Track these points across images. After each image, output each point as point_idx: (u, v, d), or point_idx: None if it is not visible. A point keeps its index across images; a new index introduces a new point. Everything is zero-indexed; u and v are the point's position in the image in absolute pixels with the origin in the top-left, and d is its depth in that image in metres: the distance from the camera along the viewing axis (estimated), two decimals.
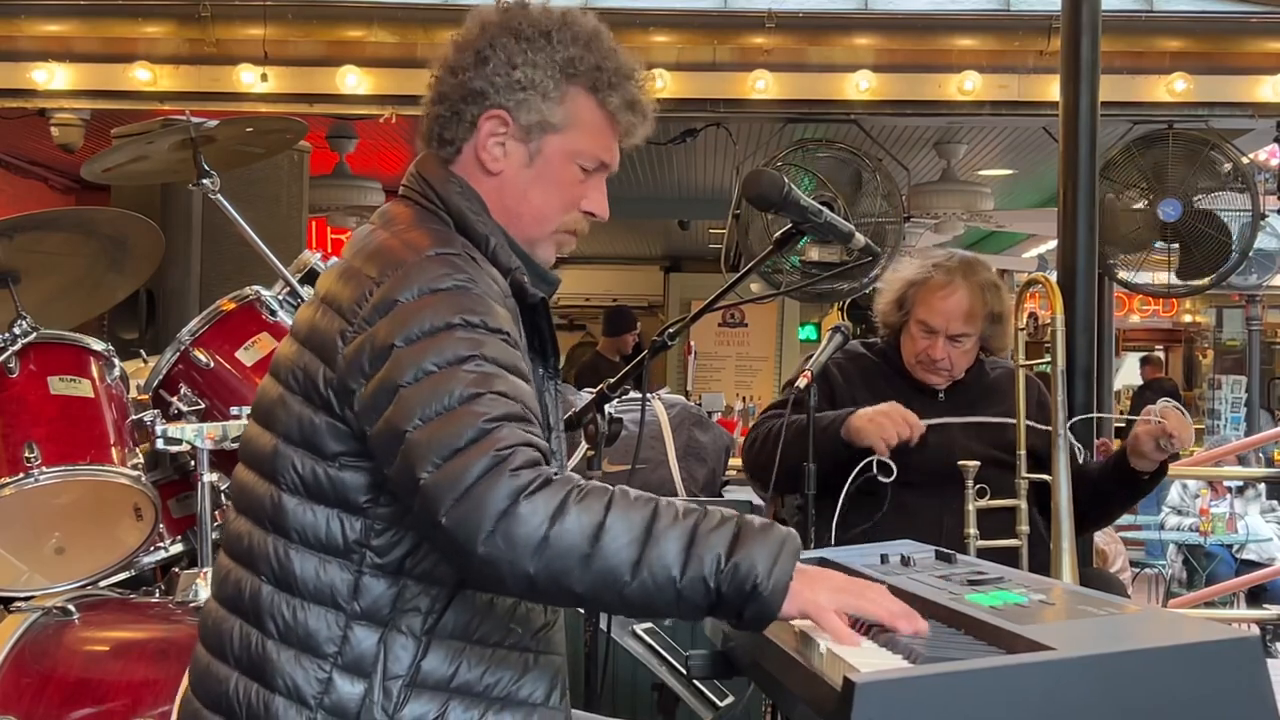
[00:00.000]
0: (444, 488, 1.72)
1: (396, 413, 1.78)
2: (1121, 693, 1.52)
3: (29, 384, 3.14)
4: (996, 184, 8.93)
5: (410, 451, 1.76)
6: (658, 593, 1.72)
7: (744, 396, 12.05)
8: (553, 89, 2.01)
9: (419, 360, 1.79)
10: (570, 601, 1.78)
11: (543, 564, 1.70)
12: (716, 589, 1.72)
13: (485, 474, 1.71)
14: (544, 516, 1.70)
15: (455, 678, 1.89)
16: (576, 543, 1.70)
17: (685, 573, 1.71)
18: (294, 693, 1.86)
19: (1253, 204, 6.51)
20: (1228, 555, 9.12)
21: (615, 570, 1.71)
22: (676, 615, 1.77)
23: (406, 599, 1.88)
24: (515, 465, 1.72)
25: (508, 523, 1.69)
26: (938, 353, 3.38)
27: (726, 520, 1.76)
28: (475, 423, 1.74)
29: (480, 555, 1.70)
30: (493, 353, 1.82)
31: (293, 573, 1.89)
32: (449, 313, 1.83)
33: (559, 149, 2.04)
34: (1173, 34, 6.37)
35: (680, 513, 1.76)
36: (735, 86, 6.41)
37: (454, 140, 2.03)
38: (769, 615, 1.75)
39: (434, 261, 1.89)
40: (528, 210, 2.06)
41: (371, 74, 6.37)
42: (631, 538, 1.71)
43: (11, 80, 6.44)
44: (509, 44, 2.00)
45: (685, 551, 1.72)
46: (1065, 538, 3.09)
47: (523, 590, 1.75)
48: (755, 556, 1.73)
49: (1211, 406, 15.47)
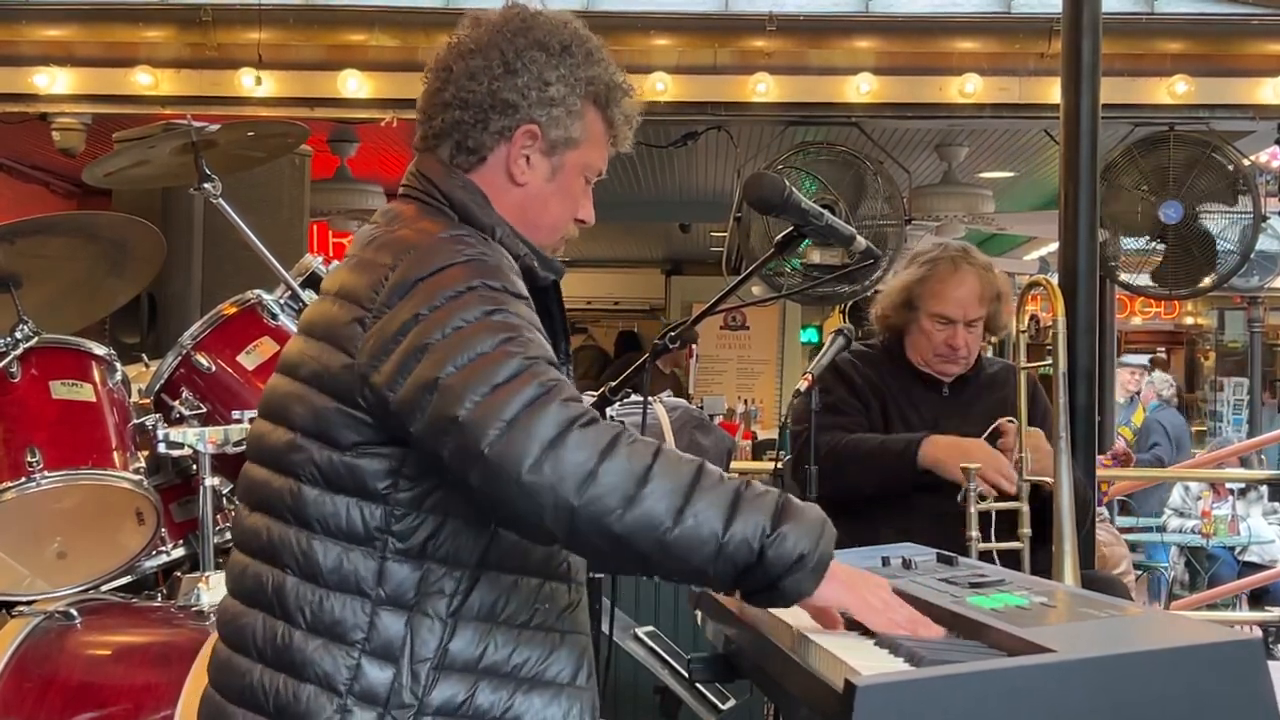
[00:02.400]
0: (487, 418, 1.72)
1: (427, 366, 1.79)
2: (1123, 695, 1.53)
3: (31, 388, 3.14)
4: (997, 186, 8.92)
5: (445, 394, 1.76)
6: (700, 545, 1.73)
7: (745, 399, 12.04)
8: (576, 106, 2.05)
9: (446, 321, 1.81)
10: (607, 542, 1.75)
11: (588, 498, 1.70)
12: (760, 551, 1.74)
13: (532, 402, 1.73)
14: (594, 450, 1.72)
15: (483, 659, 1.90)
16: (623, 482, 1.71)
17: (728, 530, 1.73)
18: (324, 681, 1.87)
19: (1254, 206, 6.51)
20: (1230, 557, 9.12)
21: (658, 516, 1.72)
22: (708, 572, 1.76)
23: (431, 582, 1.89)
24: (565, 396, 1.75)
25: (557, 451, 1.70)
26: (959, 341, 3.42)
27: (770, 492, 1.80)
28: (515, 359, 1.77)
29: (524, 483, 1.70)
30: (516, 309, 1.85)
31: (316, 563, 1.90)
32: (469, 278, 1.85)
33: (575, 163, 2.08)
34: (1173, 36, 6.36)
35: (723, 477, 1.79)
36: (736, 89, 6.41)
37: (478, 149, 2.04)
38: (806, 590, 1.78)
39: (447, 241, 1.92)
40: (547, 222, 2.09)
41: (373, 78, 6.36)
42: (676, 486, 1.73)
43: (13, 85, 6.43)
44: (539, 58, 2.02)
45: (730, 510, 1.74)
46: (1066, 539, 3.09)
47: (562, 524, 1.73)
48: (802, 530, 1.77)
49: (1213, 408, 15.48)
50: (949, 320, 3.42)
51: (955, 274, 3.44)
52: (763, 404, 12.27)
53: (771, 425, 10.86)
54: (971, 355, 3.48)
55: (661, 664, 3.07)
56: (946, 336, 3.43)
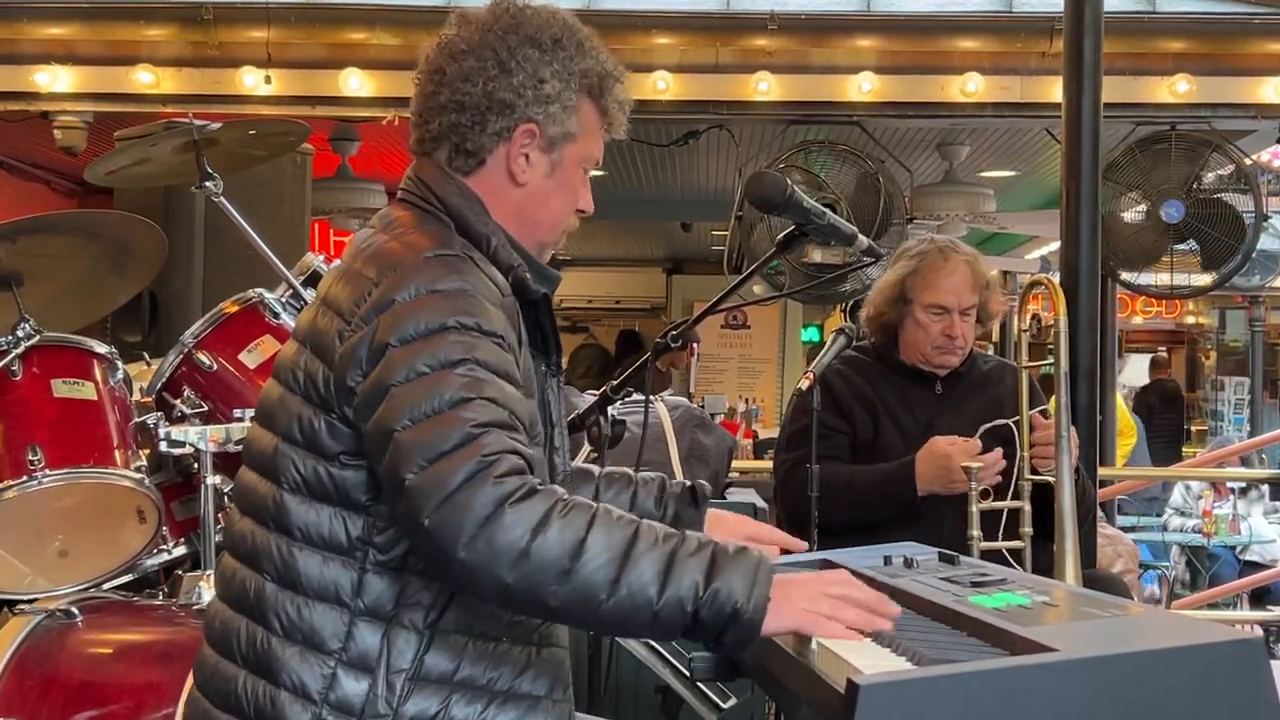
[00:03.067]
0: (428, 490, 1.74)
1: (387, 412, 1.80)
2: (1125, 694, 1.53)
3: (32, 387, 3.15)
4: (999, 185, 8.92)
5: (397, 451, 1.77)
6: (634, 613, 1.74)
7: (747, 398, 12.04)
8: (571, 100, 2.04)
9: (412, 361, 1.81)
10: (543, 614, 1.81)
11: (521, 575, 1.72)
12: (695, 613, 1.74)
13: (470, 479, 1.73)
14: (527, 527, 1.72)
15: (458, 672, 1.90)
16: (556, 556, 1.72)
17: (663, 595, 1.74)
18: (299, 689, 1.88)
19: (1255, 205, 6.50)
20: (1231, 557, 9.12)
21: (593, 588, 1.73)
22: (650, 636, 1.83)
23: (409, 595, 1.89)
24: (500, 472, 1.74)
25: (490, 529, 1.71)
26: (956, 330, 3.43)
27: (704, 545, 1.79)
28: (463, 427, 1.76)
29: (460, 560, 1.72)
30: (485, 356, 1.84)
31: (296, 571, 1.91)
32: (444, 314, 1.84)
33: (573, 156, 2.08)
34: (1175, 35, 6.36)
35: (660, 537, 1.78)
36: (737, 88, 6.40)
37: (477, 151, 2.03)
38: (751, 636, 1.77)
39: (432, 263, 1.90)
40: (548, 218, 2.09)
41: (374, 76, 6.36)
42: (610, 557, 1.73)
43: (14, 83, 6.43)
44: (532, 55, 2.01)
45: (664, 575, 1.74)
46: (1068, 538, 3.09)
47: (497, 598, 1.77)
48: (734, 581, 1.76)
49: (1214, 408, 15.48)
50: (944, 309, 3.43)
51: (946, 264, 3.46)
52: (764, 403, 12.27)
53: (773, 424, 10.87)
54: (968, 345, 3.48)
55: (662, 663, 3.07)
56: (943, 326, 3.43)
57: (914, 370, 3.49)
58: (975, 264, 3.50)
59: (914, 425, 3.43)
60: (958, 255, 3.48)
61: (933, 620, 1.89)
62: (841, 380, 3.44)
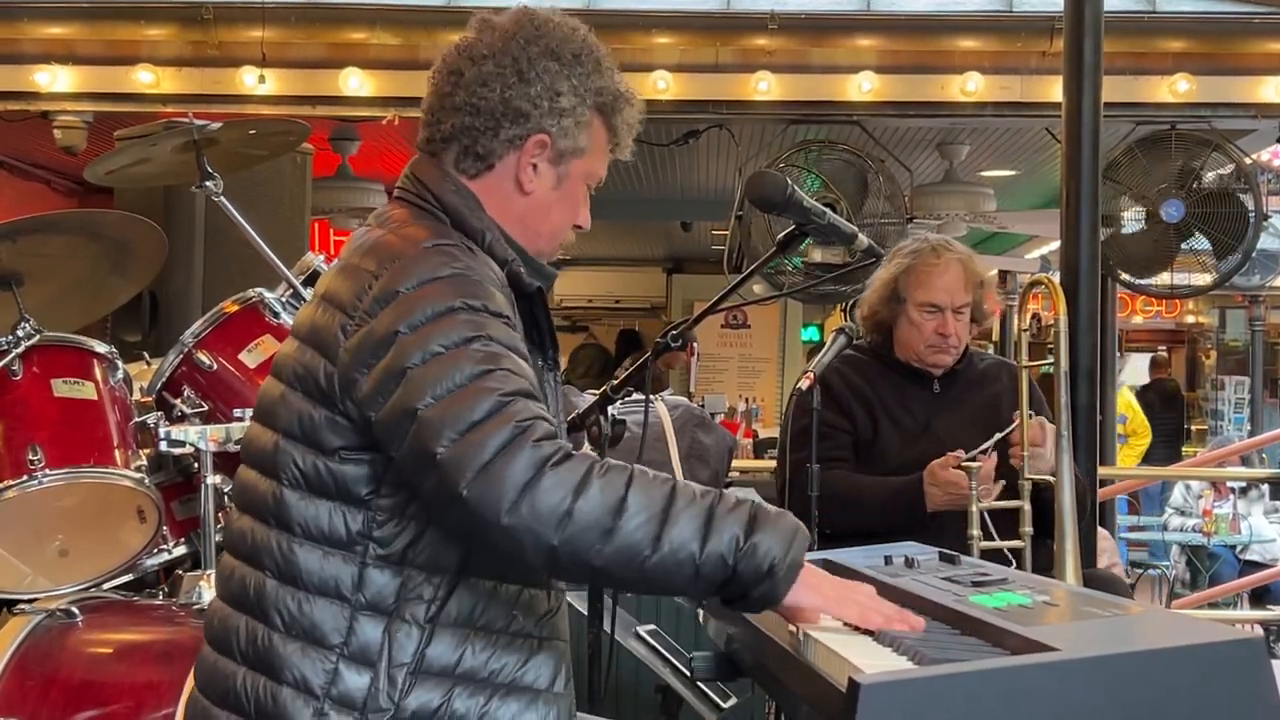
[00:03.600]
0: (464, 460, 1.75)
1: (406, 394, 1.81)
2: (1125, 694, 1.53)
3: (32, 386, 3.15)
4: (999, 185, 8.92)
5: (423, 428, 1.78)
6: (677, 569, 1.77)
7: (747, 398, 12.04)
8: (585, 116, 2.06)
9: (425, 344, 1.82)
10: (588, 575, 1.83)
11: (566, 536, 1.73)
12: (734, 566, 1.77)
13: (507, 445, 1.75)
14: (568, 489, 1.74)
15: (460, 664, 1.91)
16: (599, 517, 1.74)
17: (704, 549, 1.76)
18: (301, 684, 1.88)
19: (1255, 204, 6.50)
20: (1231, 556, 9.12)
21: (636, 545, 1.75)
22: (688, 591, 1.82)
23: (410, 588, 1.90)
24: (536, 437, 1.76)
25: (532, 494, 1.73)
26: (949, 328, 3.44)
27: (742, 503, 1.82)
28: (491, 397, 1.78)
29: (504, 526, 1.73)
30: (497, 333, 1.86)
31: (297, 566, 1.91)
32: (450, 297, 1.86)
33: (579, 171, 2.10)
34: (1175, 35, 6.36)
35: (698, 493, 1.81)
36: (738, 88, 6.40)
37: (487, 156, 2.04)
38: (776, 597, 1.81)
39: (431, 252, 1.92)
40: (548, 229, 2.11)
41: (374, 76, 6.36)
42: (651, 514, 1.76)
43: (14, 83, 6.43)
44: (551, 67, 2.03)
45: (704, 529, 1.77)
46: (1068, 538, 3.09)
47: (544, 562, 1.78)
48: (772, 539, 1.79)
49: (1214, 407, 15.47)
50: (937, 308, 3.43)
51: (939, 262, 3.47)
52: (764, 402, 12.27)
53: (773, 423, 10.87)
54: (961, 344, 3.49)
55: (663, 662, 3.08)
56: (936, 325, 3.44)
57: (911, 369, 3.49)
58: (969, 263, 3.50)
59: (912, 425, 3.43)
60: (951, 254, 3.48)
61: (933, 620, 1.89)
62: (840, 379, 3.44)
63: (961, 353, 3.51)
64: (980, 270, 3.54)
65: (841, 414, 3.42)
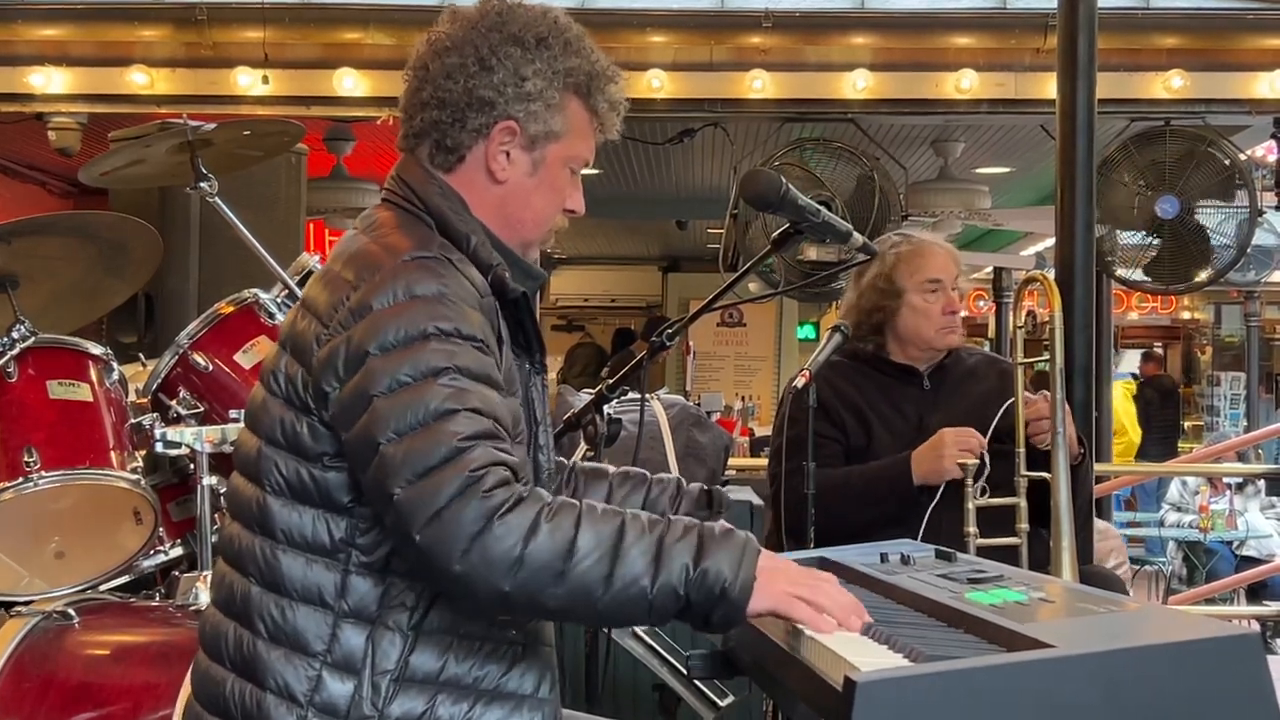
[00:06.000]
0: (417, 505, 1.75)
1: (370, 423, 1.81)
2: (1122, 690, 1.53)
3: (28, 388, 3.14)
4: (994, 182, 8.93)
5: (384, 464, 1.78)
6: (630, 604, 1.77)
7: (743, 396, 12.05)
8: (555, 99, 2.04)
9: (393, 370, 1.82)
10: (544, 616, 1.87)
11: (517, 582, 1.74)
12: (686, 595, 1.78)
13: (458, 495, 1.74)
14: (518, 536, 1.74)
15: (443, 671, 1.91)
16: (549, 560, 1.74)
17: (655, 582, 1.77)
18: (285, 691, 1.88)
19: (1250, 200, 6.51)
20: (1227, 552, 9.13)
21: (588, 586, 1.76)
22: (645, 622, 1.83)
23: (393, 596, 1.90)
24: (488, 486, 1.75)
25: (482, 542, 1.73)
26: (955, 304, 3.48)
27: (690, 529, 1.82)
28: (450, 441, 1.77)
29: (455, 573, 1.74)
30: (466, 363, 1.84)
31: (280, 573, 1.91)
32: (423, 321, 1.84)
33: (558, 155, 2.08)
34: (1170, 30, 6.36)
35: (647, 525, 1.81)
36: (732, 86, 6.40)
37: (456, 148, 2.04)
38: (737, 616, 1.81)
39: (409, 266, 1.90)
40: (530, 216, 2.09)
41: (369, 76, 6.35)
42: (602, 553, 1.76)
43: (8, 84, 6.42)
44: (514, 53, 2.01)
45: (654, 563, 1.77)
46: (1065, 535, 3.09)
47: (496, 607, 1.80)
48: (721, 562, 1.79)
49: (1210, 403, 15.47)
50: (938, 281, 3.46)
51: (926, 245, 3.54)
52: (760, 400, 12.28)
53: (769, 422, 10.85)
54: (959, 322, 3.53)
55: (660, 661, 3.07)
56: (944, 304, 3.46)
57: (901, 368, 3.49)
58: (948, 244, 3.61)
59: (904, 424, 3.42)
60: (930, 240, 3.58)
61: (929, 617, 1.89)
62: (828, 387, 3.41)
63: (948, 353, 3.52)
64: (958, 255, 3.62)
65: (830, 423, 3.40)
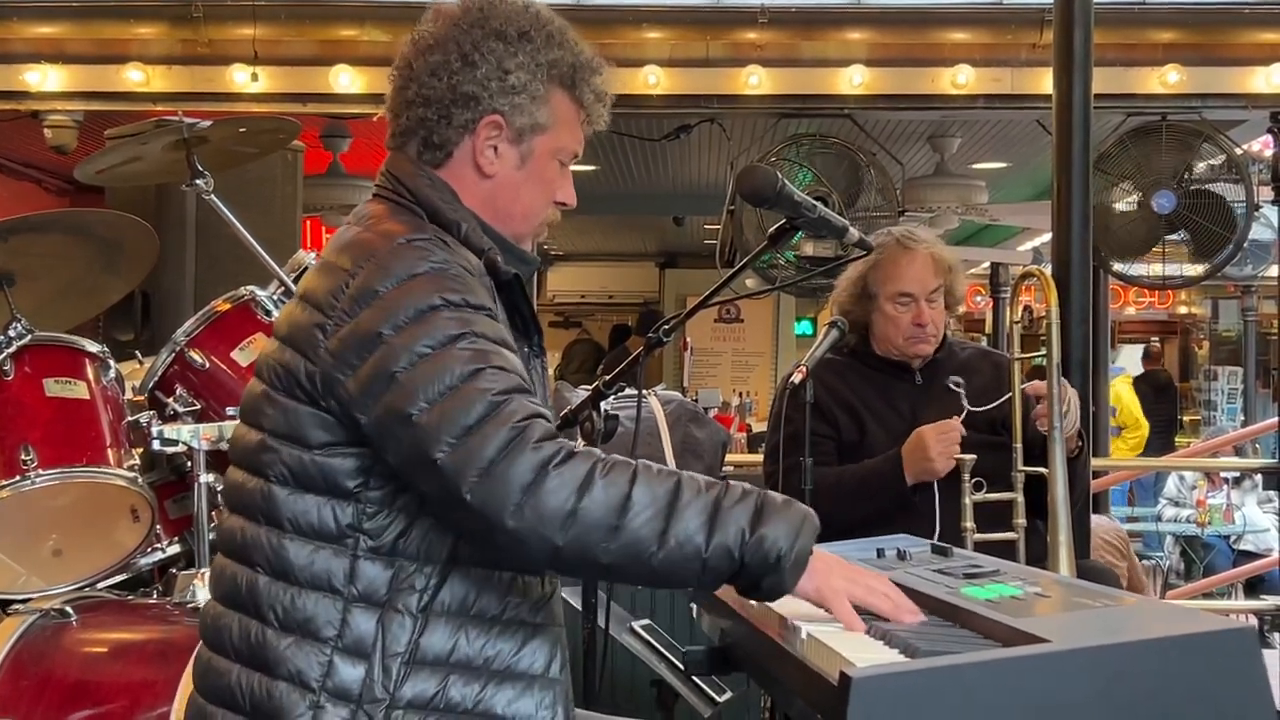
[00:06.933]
0: (464, 464, 1.74)
1: (397, 398, 1.80)
2: (1118, 684, 1.53)
3: (24, 386, 3.14)
4: (990, 177, 8.93)
5: (420, 434, 1.78)
6: (684, 563, 1.77)
7: (741, 392, 12.06)
8: (540, 91, 2.04)
9: (410, 344, 1.82)
10: (596, 572, 1.85)
11: (571, 536, 1.74)
12: (741, 559, 1.78)
13: (506, 447, 1.74)
14: (572, 489, 1.74)
15: (454, 652, 1.91)
16: (604, 515, 1.74)
17: (710, 543, 1.77)
18: (297, 678, 1.88)
19: (1247, 195, 6.51)
20: (1225, 546, 9.13)
21: (642, 542, 1.75)
22: (696, 583, 1.82)
23: (402, 579, 1.90)
24: (536, 437, 1.76)
25: (535, 495, 1.73)
26: (924, 317, 3.43)
27: (748, 494, 1.82)
28: (484, 398, 1.77)
29: (508, 529, 1.74)
30: (482, 329, 1.85)
31: (288, 561, 1.91)
32: (430, 294, 1.85)
33: (545, 148, 2.08)
34: (1165, 25, 6.36)
35: (703, 486, 1.81)
36: (728, 82, 6.40)
37: (444, 145, 2.04)
38: (785, 588, 1.82)
39: (406, 248, 1.91)
40: (519, 210, 2.09)
41: (364, 73, 6.35)
42: (657, 510, 1.76)
43: (4, 82, 6.42)
44: (497, 47, 2.02)
45: (710, 523, 1.77)
46: (1062, 530, 3.09)
47: (549, 562, 1.79)
48: (779, 530, 1.80)
49: (1208, 397, 15.50)
50: (910, 297, 3.43)
51: (905, 253, 3.47)
52: (757, 396, 12.30)
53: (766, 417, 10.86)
54: (939, 331, 3.48)
55: (658, 657, 3.08)
56: (912, 315, 3.43)
57: (892, 363, 3.49)
58: (935, 249, 3.50)
59: (898, 420, 3.41)
60: (915, 243, 3.48)
61: (925, 612, 1.89)
62: (821, 385, 3.40)
63: (941, 341, 3.50)
64: (947, 255, 3.53)
65: (824, 420, 3.40)
